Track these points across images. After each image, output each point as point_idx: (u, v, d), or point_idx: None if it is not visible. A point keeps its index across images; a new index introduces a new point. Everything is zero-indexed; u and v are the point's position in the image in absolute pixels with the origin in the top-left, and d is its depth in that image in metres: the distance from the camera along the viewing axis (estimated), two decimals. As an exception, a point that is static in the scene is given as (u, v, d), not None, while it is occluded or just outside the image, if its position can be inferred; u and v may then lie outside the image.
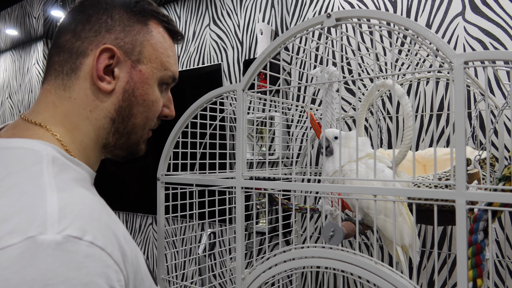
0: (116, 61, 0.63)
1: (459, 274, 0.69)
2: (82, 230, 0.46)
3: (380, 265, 0.77)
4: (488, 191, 0.70)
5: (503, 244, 1.40)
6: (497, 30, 1.47)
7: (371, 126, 1.70)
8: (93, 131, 0.64)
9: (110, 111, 0.64)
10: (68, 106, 0.62)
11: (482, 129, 1.46)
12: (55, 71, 0.63)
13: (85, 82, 0.62)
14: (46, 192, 0.48)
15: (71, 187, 0.52)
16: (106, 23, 0.63)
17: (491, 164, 1.26)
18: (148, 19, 0.66)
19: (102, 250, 0.46)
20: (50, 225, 0.44)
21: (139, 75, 0.65)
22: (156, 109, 0.69)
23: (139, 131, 0.69)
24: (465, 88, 0.70)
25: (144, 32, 0.65)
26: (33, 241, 0.43)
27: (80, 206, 0.49)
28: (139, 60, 0.65)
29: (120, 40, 0.63)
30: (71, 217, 0.46)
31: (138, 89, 0.65)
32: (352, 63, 1.70)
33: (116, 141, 0.67)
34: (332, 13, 0.83)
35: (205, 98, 1.06)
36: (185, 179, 1.10)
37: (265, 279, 0.90)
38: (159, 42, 0.67)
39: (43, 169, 0.52)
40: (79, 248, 0.44)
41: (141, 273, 0.56)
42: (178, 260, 1.22)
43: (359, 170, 0.94)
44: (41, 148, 0.56)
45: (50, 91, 0.63)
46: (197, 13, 2.42)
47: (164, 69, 0.68)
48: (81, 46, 0.62)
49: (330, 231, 0.83)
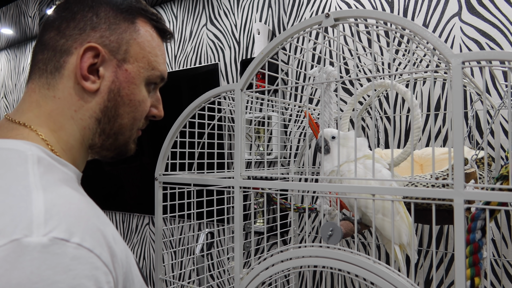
0: (101, 60, 0.61)
1: (457, 272, 0.69)
2: (69, 231, 0.45)
3: (379, 264, 0.77)
4: (486, 190, 0.70)
5: (499, 243, 1.41)
6: (493, 31, 1.48)
7: (368, 126, 1.70)
8: (78, 131, 0.62)
9: (95, 111, 0.63)
10: (53, 105, 0.61)
11: (478, 129, 1.47)
12: (39, 70, 0.62)
13: (69, 81, 0.61)
14: (32, 193, 0.47)
15: (57, 188, 0.51)
16: (91, 20, 0.61)
17: (488, 164, 1.26)
18: (135, 17, 0.65)
19: (90, 251, 0.45)
20: (36, 227, 0.43)
21: (125, 74, 0.63)
22: (143, 109, 0.68)
23: (126, 131, 0.67)
24: (463, 87, 0.71)
25: (130, 31, 0.64)
26: (18, 244, 0.41)
27: (67, 207, 0.48)
28: (125, 59, 0.63)
29: (105, 38, 0.61)
30: (58, 218, 0.45)
31: (124, 88, 0.64)
32: (349, 63, 1.71)
33: (103, 142, 0.66)
34: (330, 13, 0.83)
35: (203, 98, 1.06)
36: (183, 179, 1.10)
37: (263, 279, 0.90)
38: (146, 41, 0.65)
39: (29, 169, 0.51)
40: (66, 250, 0.43)
41: (131, 274, 0.55)
42: (176, 260, 1.22)
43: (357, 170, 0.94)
44: (25, 148, 0.54)
45: (34, 90, 0.61)
46: (194, 13, 2.42)
47: (152, 68, 0.66)
48: (65, 44, 0.60)
49: (329, 230, 0.84)
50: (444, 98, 1.55)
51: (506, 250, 1.40)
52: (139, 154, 2.55)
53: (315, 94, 1.82)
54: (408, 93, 0.88)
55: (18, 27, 3.33)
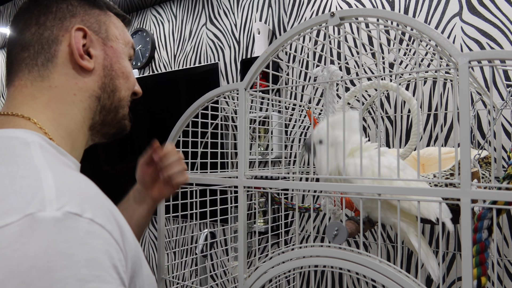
0: (89, 40, 0.65)
1: (464, 272, 0.69)
2: (81, 207, 0.45)
3: (385, 264, 0.77)
4: (493, 189, 0.70)
5: (500, 243, 1.41)
6: (494, 31, 1.49)
7: (369, 126, 1.70)
8: (79, 113, 0.65)
9: (94, 89, 0.66)
10: (49, 94, 0.62)
11: (480, 129, 1.47)
12: (27, 65, 0.62)
13: (64, 67, 0.63)
14: (40, 173, 0.47)
15: (63, 169, 0.51)
16: (69, 9, 0.64)
17: (489, 163, 1.27)
18: (102, 6, 0.70)
19: (102, 227, 0.45)
20: (48, 202, 0.43)
21: (112, 50, 0.68)
22: (133, 80, 0.73)
23: (124, 104, 0.72)
24: (469, 87, 0.71)
25: (103, 14, 0.69)
26: (33, 218, 0.41)
27: (76, 185, 0.48)
28: (108, 38, 0.68)
29: (86, 21, 0.65)
30: (69, 194, 0.45)
31: (116, 63, 0.69)
32: (352, 62, 1.71)
33: (104, 118, 0.69)
34: (336, 12, 0.83)
35: (206, 97, 1.06)
36: (186, 179, 1.09)
37: (268, 278, 0.89)
38: (117, 22, 0.71)
39: (32, 154, 0.51)
40: (80, 224, 0.43)
41: (139, 258, 0.55)
42: (177, 260, 1.21)
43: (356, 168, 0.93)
44: (26, 136, 0.55)
45: (25, 85, 0.62)
46: (193, 12, 2.41)
47: (127, 43, 0.73)
48: (52, 34, 0.63)
49: (334, 230, 0.83)
50: (445, 97, 1.56)
51: (507, 250, 1.41)
52: (137, 154, 2.54)
53: (317, 93, 1.82)
54: (412, 101, 0.88)
55: (15, 26, 3.30)
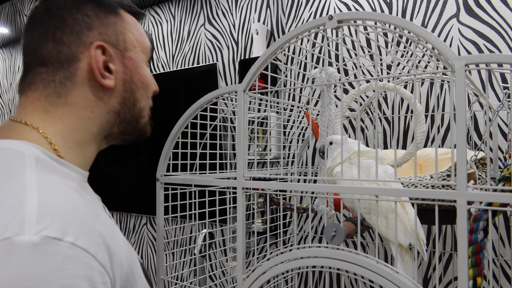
0: (108, 55, 0.62)
1: (459, 272, 0.70)
2: (63, 230, 0.44)
3: (382, 264, 0.78)
4: (488, 191, 0.71)
5: (496, 243, 1.43)
6: (491, 32, 1.50)
7: (367, 127, 1.71)
8: (94, 127, 0.64)
9: (114, 105, 0.65)
10: (64, 110, 0.61)
11: (476, 130, 1.48)
12: (43, 80, 0.61)
13: (83, 86, 0.61)
14: (26, 192, 0.46)
15: (53, 187, 0.50)
16: (84, 21, 0.61)
17: (486, 164, 1.28)
18: (117, 8, 0.67)
19: (85, 251, 0.45)
20: (27, 225, 0.43)
21: (131, 62, 0.66)
22: (152, 85, 0.72)
23: (145, 112, 0.71)
24: (466, 89, 0.72)
25: (119, 21, 0.66)
26: (9, 243, 0.41)
27: (61, 205, 0.47)
28: (126, 48, 0.65)
29: (104, 34, 0.63)
30: (51, 217, 0.45)
31: (135, 74, 0.67)
32: (350, 64, 1.72)
33: (123, 130, 0.68)
34: (334, 15, 0.84)
35: (205, 99, 1.07)
36: (184, 180, 1.10)
37: (267, 279, 0.90)
38: (132, 25, 0.68)
39: (26, 169, 0.51)
40: (59, 249, 0.43)
41: (133, 275, 0.55)
42: (176, 261, 1.22)
43: (351, 171, 0.95)
44: (24, 148, 0.54)
45: (38, 98, 0.61)
46: (192, 13, 2.41)
47: (145, 48, 0.70)
48: (70, 52, 0.60)
49: (332, 231, 0.84)
50: (443, 99, 1.57)
51: (503, 250, 1.42)
52: (135, 154, 2.54)
53: (315, 95, 1.83)
54: (412, 99, 0.89)
55: (13, 26, 3.30)
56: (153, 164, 2.58)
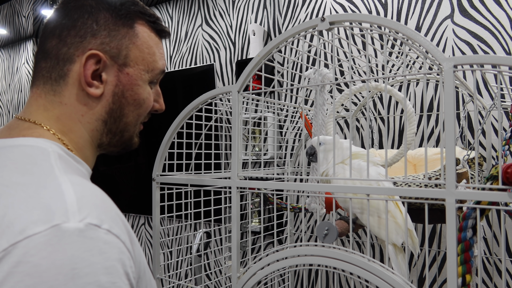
0: (102, 65, 0.63)
1: (449, 270, 0.71)
2: (100, 219, 0.48)
3: (373, 262, 0.79)
4: (477, 190, 0.72)
5: (490, 241, 1.44)
6: (485, 33, 1.51)
7: (363, 127, 1.73)
8: (86, 133, 0.65)
9: (101, 114, 0.65)
10: (60, 110, 0.63)
11: (470, 129, 1.50)
12: (43, 77, 0.64)
13: (73, 88, 0.63)
14: (61, 185, 0.50)
15: (81, 181, 0.54)
16: (92, 28, 0.62)
17: (479, 164, 1.29)
18: (134, 21, 0.66)
19: (117, 237, 0.49)
20: (71, 214, 0.47)
21: (127, 78, 0.65)
22: (147, 105, 0.70)
23: (131, 128, 0.70)
24: (455, 90, 0.73)
25: (129, 35, 0.65)
26: (59, 229, 0.45)
27: (93, 197, 0.52)
28: (126, 64, 0.65)
29: (105, 45, 0.63)
30: (89, 207, 0.49)
31: (128, 90, 0.66)
32: (344, 65, 1.73)
33: (110, 140, 0.69)
34: (326, 17, 0.85)
35: (200, 99, 1.08)
36: (180, 180, 1.11)
37: (260, 278, 0.91)
38: (145, 43, 0.67)
39: (53, 164, 0.54)
40: (99, 235, 0.47)
41: (144, 264, 0.59)
42: (173, 260, 1.23)
43: (344, 172, 0.96)
44: (46, 145, 0.57)
45: (40, 95, 0.64)
46: (189, 14, 2.42)
47: (151, 69, 0.69)
48: (68, 52, 0.62)
49: (324, 229, 0.85)
50: (437, 99, 1.58)
51: (497, 248, 1.43)
52: (133, 154, 2.55)
53: (310, 96, 1.84)
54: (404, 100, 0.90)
55: (12, 27, 3.31)
56: (151, 164, 2.58)
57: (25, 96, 3.30)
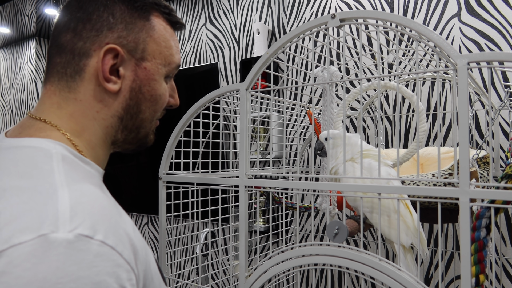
0: (120, 60, 0.61)
1: (462, 270, 0.70)
2: (93, 229, 0.46)
3: (385, 262, 0.78)
4: (491, 189, 0.71)
5: (498, 242, 1.43)
6: (492, 32, 1.50)
7: (369, 126, 1.72)
8: (101, 130, 0.63)
9: (117, 110, 0.64)
10: (74, 107, 0.61)
11: (478, 129, 1.49)
12: (58, 73, 0.62)
13: (90, 83, 0.61)
14: (57, 191, 0.48)
15: (82, 185, 0.51)
16: (108, 21, 0.61)
17: (487, 163, 1.28)
18: (150, 13, 0.65)
19: (113, 249, 0.46)
20: (61, 223, 0.44)
21: (144, 72, 0.64)
22: (163, 101, 0.69)
23: (147, 124, 0.69)
24: (468, 87, 0.72)
25: (146, 28, 0.64)
26: (45, 239, 0.42)
27: (91, 204, 0.49)
28: (143, 58, 0.64)
29: (123, 38, 0.61)
30: (82, 215, 0.46)
31: (145, 86, 0.65)
32: (350, 63, 1.72)
33: (125, 137, 0.67)
34: (336, 14, 0.84)
35: (208, 97, 1.07)
36: (187, 178, 1.10)
37: (270, 277, 0.90)
38: (161, 36, 0.66)
39: (54, 167, 0.52)
40: (90, 247, 0.44)
41: (151, 271, 0.56)
42: (178, 259, 1.22)
43: (354, 170, 0.95)
44: (50, 146, 0.55)
45: (54, 92, 0.62)
46: (193, 12, 2.42)
47: (168, 63, 0.67)
48: (84, 46, 0.60)
49: (335, 229, 0.84)
50: (444, 97, 1.57)
51: (505, 249, 1.42)
52: (136, 154, 2.55)
53: (316, 94, 1.83)
54: (414, 97, 0.89)
55: (14, 25, 3.31)
56: (154, 163, 2.57)
57: (28, 95, 3.30)
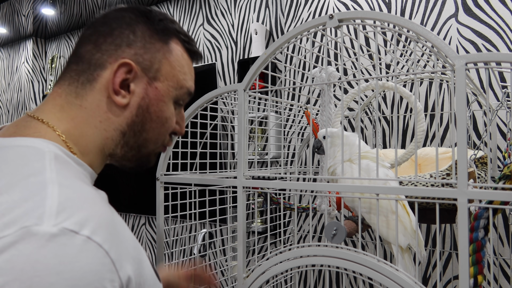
0: (133, 76, 0.62)
1: (460, 270, 0.70)
2: (80, 224, 0.45)
3: (383, 262, 0.78)
4: (489, 189, 0.71)
5: (495, 242, 1.43)
6: (489, 32, 1.51)
7: (366, 127, 1.72)
8: (99, 140, 0.64)
9: (121, 124, 0.64)
10: (77, 112, 0.62)
11: (475, 129, 1.49)
12: (70, 78, 0.63)
13: (99, 94, 0.62)
14: (47, 187, 0.47)
15: (73, 183, 0.51)
16: (128, 38, 0.63)
17: (485, 163, 1.28)
18: (169, 38, 0.66)
19: (99, 246, 0.45)
20: (47, 217, 0.43)
21: (155, 92, 0.65)
22: (169, 125, 0.69)
23: (150, 145, 0.69)
24: (466, 88, 0.72)
25: (164, 51, 0.65)
26: (27, 231, 0.42)
27: (81, 201, 0.48)
28: (156, 78, 0.65)
29: (139, 56, 0.63)
30: (70, 211, 0.45)
31: (153, 105, 0.65)
32: (349, 64, 1.72)
33: (124, 153, 0.67)
34: (334, 14, 0.84)
35: (205, 98, 1.06)
36: (185, 179, 1.10)
37: (268, 277, 0.90)
38: (177, 61, 0.67)
39: (46, 165, 0.52)
40: (75, 242, 0.43)
41: (144, 271, 0.55)
42: (176, 260, 1.21)
43: (352, 171, 0.95)
44: (43, 146, 0.55)
45: (60, 95, 0.63)
46: (190, 13, 2.41)
47: (180, 87, 0.68)
48: (101, 58, 0.62)
49: (333, 230, 0.84)
50: (441, 98, 1.57)
51: (502, 249, 1.43)
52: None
53: (314, 94, 1.83)
54: (412, 97, 0.89)
55: (11, 25, 3.29)
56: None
57: (24, 95, 3.28)
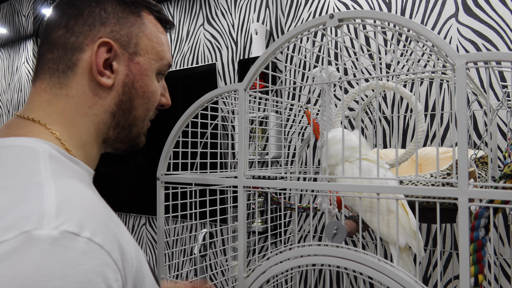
0: (113, 54, 0.61)
1: (461, 270, 0.70)
2: (80, 226, 0.44)
3: (383, 262, 0.78)
4: (490, 188, 0.71)
5: (495, 241, 1.43)
6: (490, 32, 1.51)
7: (367, 127, 1.72)
8: (92, 126, 0.63)
9: (110, 105, 0.63)
10: (65, 103, 0.60)
11: (475, 129, 1.49)
12: (49, 69, 0.61)
13: (82, 78, 0.60)
14: (44, 188, 0.47)
15: (69, 183, 0.50)
16: (100, 16, 0.61)
17: (485, 163, 1.28)
18: (140, 10, 0.65)
19: (101, 247, 0.45)
20: (46, 220, 0.43)
21: (137, 67, 0.64)
22: (155, 99, 0.69)
23: (140, 123, 0.68)
24: (466, 87, 0.72)
25: (138, 24, 0.64)
26: (28, 236, 0.41)
27: (78, 202, 0.48)
28: (136, 52, 0.64)
29: (115, 33, 0.61)
30: (69, 212, 0.45)
31: (138, 81, 0.65)
32: (349, 64, 1.72)
33: (117, 135, 0.66)
34: (335, 14, 0.84)
35: (206, 98, 1.07)
36: (185, 179, 1.10)
37: (268, 277, 0.90)
38: (153, 32, 0.66)
39: (40, 166, 0.51)
40: (76, 244, 0.43)
41: (142, 273, 0.55)
42: (176, 260, 1.22)
43: (352, 171, 0.95)
44: (37, 145, 0.54)
45: (45, 89, 0.61)
46: (191, 13, 2.41)
47: (160, 58, 0.68)
48: (76, 41, 0.60)
49: (334, 229, 0.84)
50: (442, 98, 1.57)
51: (502, 249, 1.43)
52: (133, 155, 2.54)
53: (314, 94, 1.83)
54: (412, 98, 0.89)
55: (11, 26, 3.30)
56: (152, 164, 2.56)
57: (25, 95, 3.28)
